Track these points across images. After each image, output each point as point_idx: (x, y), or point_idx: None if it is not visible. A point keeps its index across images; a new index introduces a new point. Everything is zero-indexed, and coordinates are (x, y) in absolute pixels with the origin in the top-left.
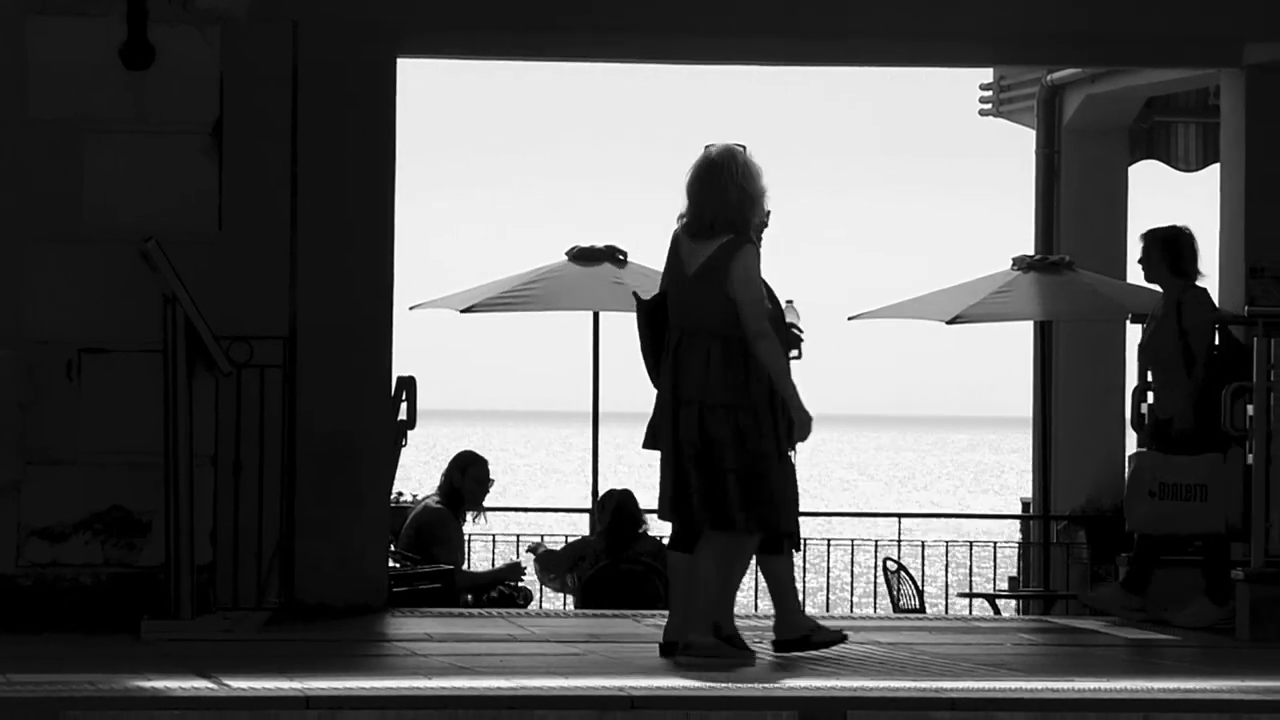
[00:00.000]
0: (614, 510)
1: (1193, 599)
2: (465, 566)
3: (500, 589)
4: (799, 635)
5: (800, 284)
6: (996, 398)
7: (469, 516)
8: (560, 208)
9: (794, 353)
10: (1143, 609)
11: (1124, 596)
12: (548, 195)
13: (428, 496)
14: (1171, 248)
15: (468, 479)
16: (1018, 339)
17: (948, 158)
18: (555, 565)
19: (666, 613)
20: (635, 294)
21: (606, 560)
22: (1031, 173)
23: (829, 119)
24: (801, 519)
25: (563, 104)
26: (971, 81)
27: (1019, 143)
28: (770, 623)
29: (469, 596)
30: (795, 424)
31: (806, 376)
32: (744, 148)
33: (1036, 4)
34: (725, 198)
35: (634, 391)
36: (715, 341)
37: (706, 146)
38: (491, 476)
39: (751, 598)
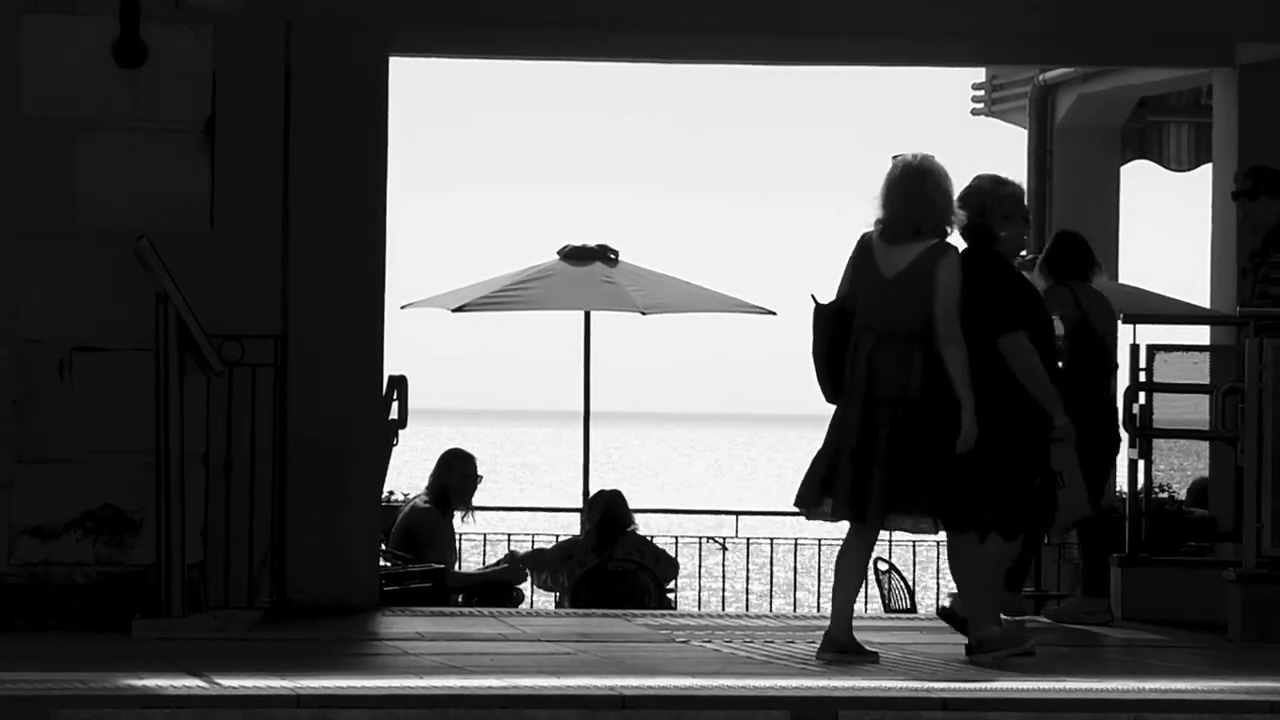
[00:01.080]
0: (602, 511)
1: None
2: (457, 566)
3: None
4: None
5: (789, 285)
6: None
7: (458, 515)
8: (552, 206)
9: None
10: (1108, 610)
11: (1086, 603)
12: (539, 194)
13: (417, 496)
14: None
15: (454, 475)
16: None
17: (939, 157)
18: (545, 564)
19: (656, 612)
20: (813, 296)
21: (595, 559)
22: (1024, 173)
23: (822, 118)
24: (793, 519)
25: (555, 102)
26: (963, 81)
27: (1011, 142)
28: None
29: (459, 597)
30: (964, 430)
31: (797, 376)
32: (932, 157)
33: (1028, 3)
34: (931, 203)
35: (625, 391)
36: (914, 344)
37: (894, 156)
38: (479, 473)
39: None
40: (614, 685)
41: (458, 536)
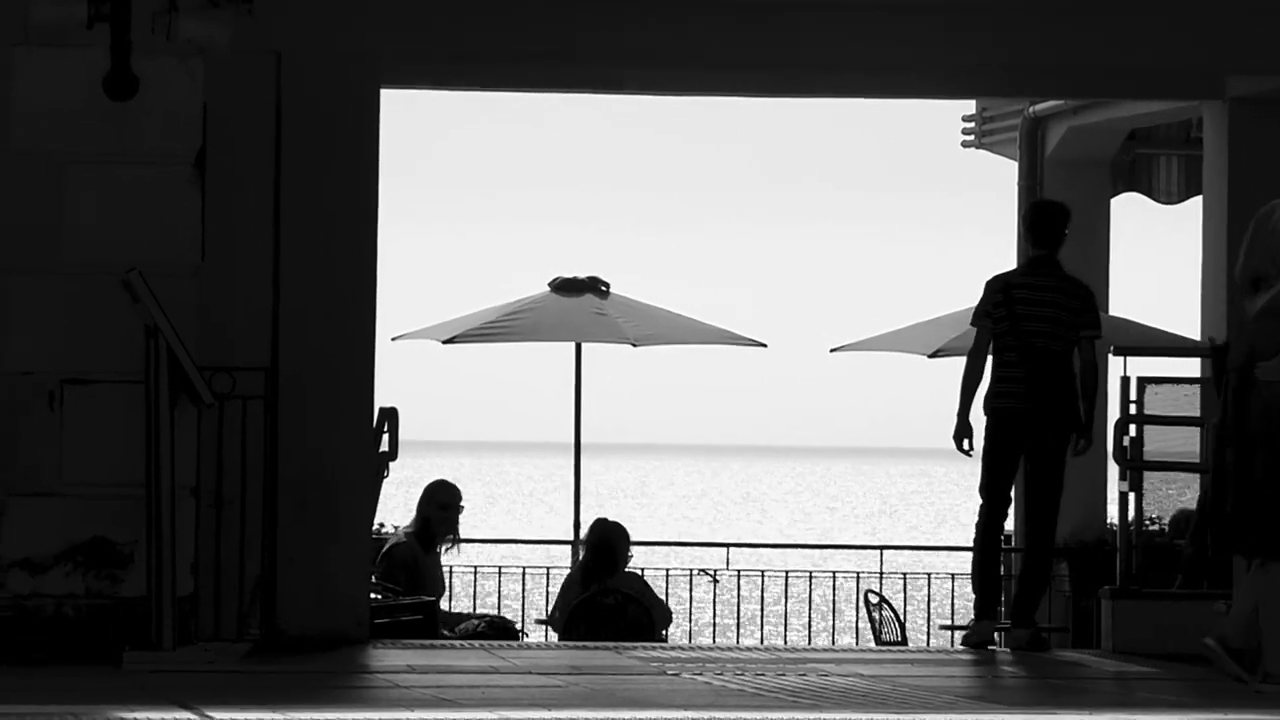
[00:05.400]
0: (596, 541)
1: None
2: (447, 599)
3: (488, 622)
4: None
5: (781, 316)
6: (978, 431)
7: (443, 547)
8: (543, 239)
9: None
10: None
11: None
12: (530, 226)
13: (405, 529)
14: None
15: (433, 506)
16: None
17: (929, 189)
18: (555, 623)
19: (647, 645)
20: (1211, 339)
21: (586, 592)
22: (1013, 205)
23: (811, 150)
24: (784, 551)
25: (547, 135)
26: (954, 113)
27: (1001, 174)
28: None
29: (445, 631)
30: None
31: (788, 407)
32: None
33: (1019, 36)
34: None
35: (616, 423)
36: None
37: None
38: (461, 502)
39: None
40: (605, 718)
41: (445, 570)
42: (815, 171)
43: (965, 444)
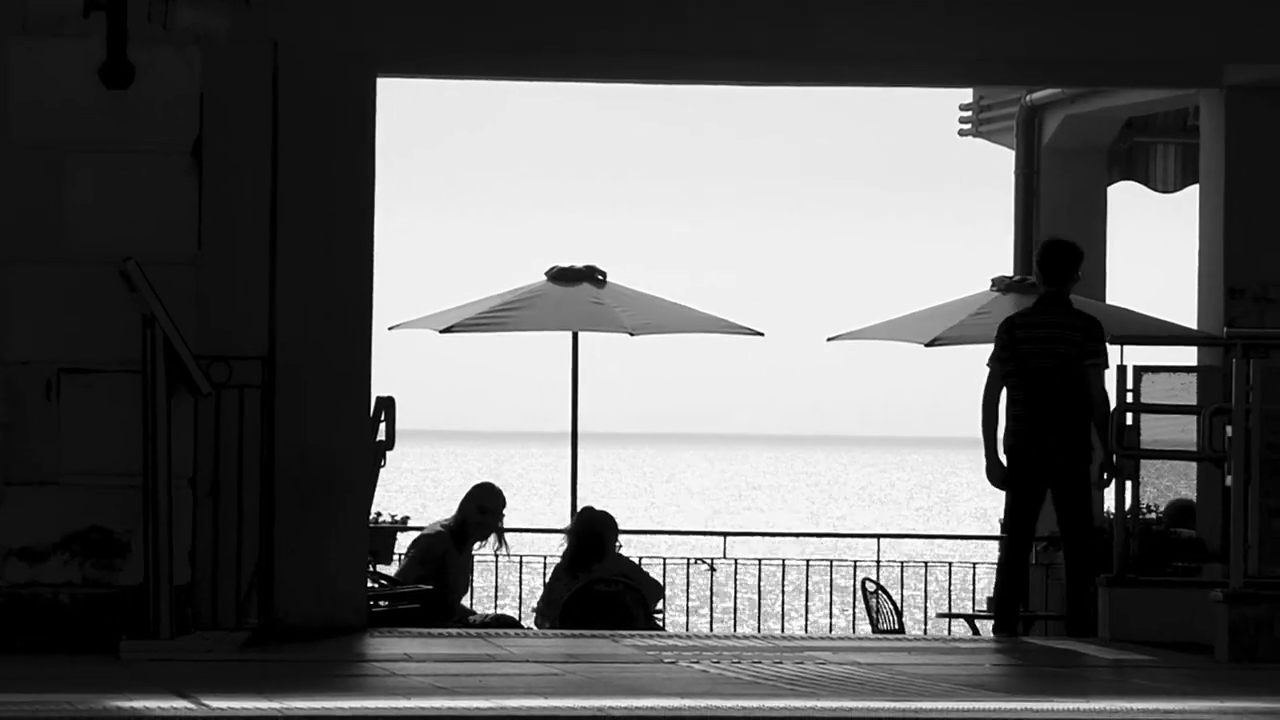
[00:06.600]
0: (580, 528)
1: None
2: (468, 600)
3: (494, 619)
4: None
5: (779, 305)
6: (975, 420)
7: (477, 546)
8: (540, 228)
9: None
10: None
11: None
12: (527, 215)
13: (443, 521)
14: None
15: (472, 508)
16: None
17: (926, 178)
18: (547, 612)
19: (644, 633)
20: None
21: (576, 581)
22: (1010, 193)
23: (809, 139)
24: (780, 540)
25: (545, 124)
26: (951, 102)
27: (998, 163)
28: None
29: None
30: None
31: (785, 397)
32: None
33: (1016, 25)
34: None
35: (613, 412)
36: None
37: None
38: (504, 509)
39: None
40: (602, 706)
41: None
42: (812, 160)
43: (1000, 480)
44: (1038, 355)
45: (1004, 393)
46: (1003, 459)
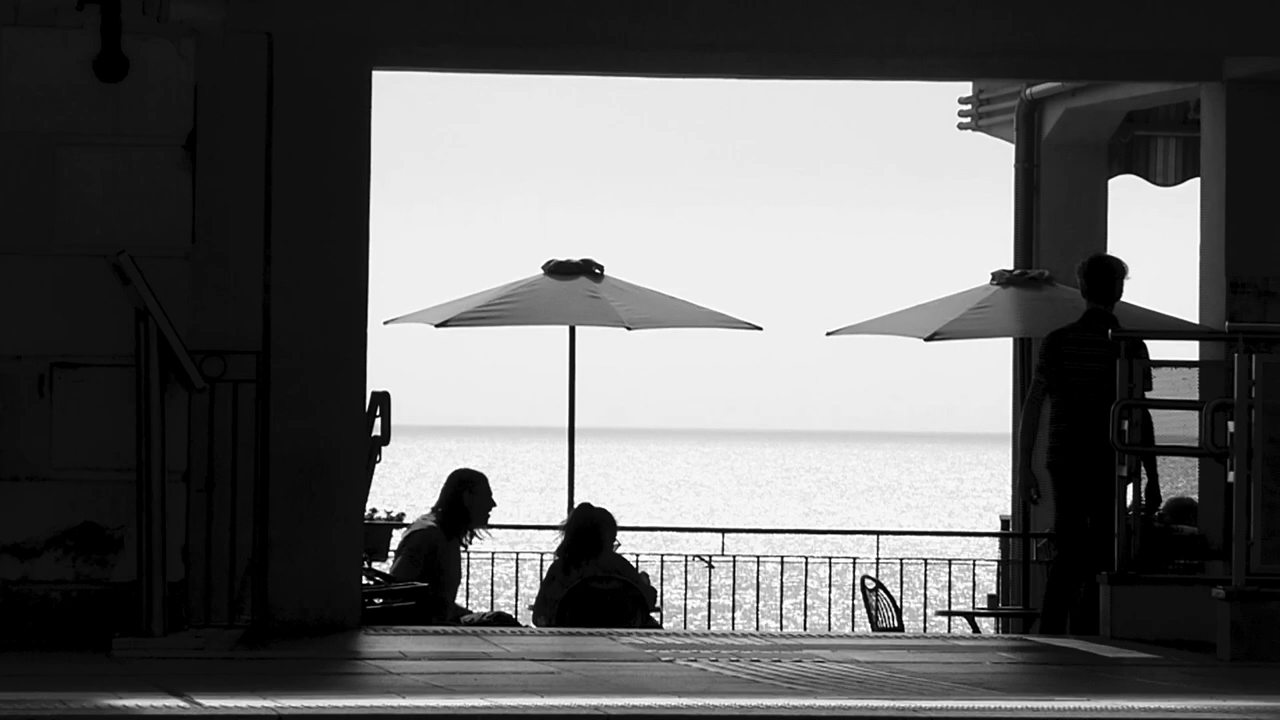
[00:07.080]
0: (575, 527)
1: None
2: (461, 597)
3: (492, 617)
4: None
5: (778, 299)
6: (975, 414)
7: (466, 537)
8: (536, 221)
9: None
10: None
11: None
12: (524, 208)
13: (427, 517)
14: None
15: (463, 489)
16: (997, 355)
17: (926, 171)
18: (543, 609)
19: (642, 631)
20: None
21: (571, 579)
22: (1010, 187)
23: (808, 132)
24: (779, 536)
25: (542, 118)
26: (950, 95)
27: (998, 156)
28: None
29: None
30: None
31: (784, 391)
32: None
33: (1016, 18)
34: None
35: (610, 406)
36: None
37: None
38: (475, 487)
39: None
40: (599, 704)
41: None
42: (812, 154)
43: (1032, 493)
44: (1081, 373)
45: (1046, 408)
46: (1036, 473)
